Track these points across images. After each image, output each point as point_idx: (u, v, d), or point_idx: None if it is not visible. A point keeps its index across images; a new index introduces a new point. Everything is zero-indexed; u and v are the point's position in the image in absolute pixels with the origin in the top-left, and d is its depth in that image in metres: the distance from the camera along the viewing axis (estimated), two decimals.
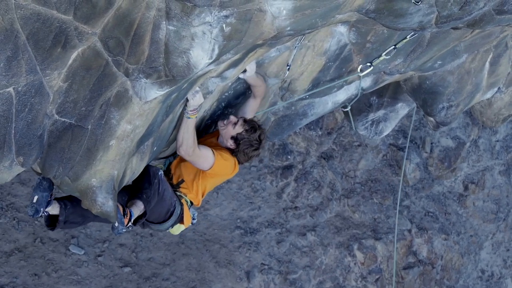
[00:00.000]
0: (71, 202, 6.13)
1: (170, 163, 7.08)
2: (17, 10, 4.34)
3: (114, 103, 5.22)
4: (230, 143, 6.81)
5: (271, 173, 13.32)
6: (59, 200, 6.12)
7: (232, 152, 6.85)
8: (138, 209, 6.40)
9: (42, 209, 5.85)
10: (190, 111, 6.26)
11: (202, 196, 7.01)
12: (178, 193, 6.85)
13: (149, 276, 12.20)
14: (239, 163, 6.94)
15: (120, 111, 5.29)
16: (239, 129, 6.74)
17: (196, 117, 6.35)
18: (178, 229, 7.07)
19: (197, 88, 6.12)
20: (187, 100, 6.21)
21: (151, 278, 12.21)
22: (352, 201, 13.86)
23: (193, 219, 7.16)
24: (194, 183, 6.87)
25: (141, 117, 5.45)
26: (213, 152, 6.65)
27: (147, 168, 6.49)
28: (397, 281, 14.03)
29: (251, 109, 7.12)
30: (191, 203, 6.97)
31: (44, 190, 5.79)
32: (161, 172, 6.57)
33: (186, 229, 7.19)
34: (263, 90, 6.93)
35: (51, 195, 5.90)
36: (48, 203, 5.89)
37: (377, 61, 7.11)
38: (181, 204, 6.82)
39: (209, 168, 6.66)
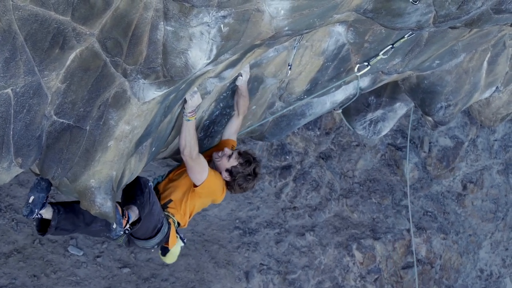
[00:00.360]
0: (64, 208, 6.10)
1: (158, 183, 7.04)
2: (15, 11, 4.34)
3: (112, 104, 5.22)
4: (225, 175, 6.80)
5: (269, 173, 13.32)
6: (53, 204, 6.09)
7: (227, 184, 6.86)
8: (134, 213, 6.35)
9: (37, 210, 5.79)
10: (189, 113, 6.24)
11: (190, 217, 6.93)
12: (166, 213, 6.77)
13: (148, 277, 12.20)
14: (232, 192, 6.96)
15: (118, 112, 5.28)
16: (233, 162, 6.73)
17: (195, 118, 6.34)
18: (172, 256, 7.05)
19: (195, 89, 6.11)
20: (185, 101, 6.20)
21: (150, 278, 12.21)
22: (350, 201, 13.87)
23: (183, 237, 7.10)
24: (183, 203, 6.80)
25: (139, 117, 5.45)
26: (208, 167, 6.64)
27: (137, 178, 6.44)
28: (396, 281, 14.04)
29: (235, 129, 7.18)
30: (178, 224, 6.92)
31: (42, 191, 5.77)
32: (150, 184, 6.51)
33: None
34: (248, 104, 6.99)
35: (47, 197, 5.87)
36: (43, 205, 5.86)
37: (374, 60, 7.11)
38: (169, 224, 6.74)
39: (202, 182, 6.60)
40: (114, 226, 6.06)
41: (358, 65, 7.21)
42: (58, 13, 4.49)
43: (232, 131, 7.17)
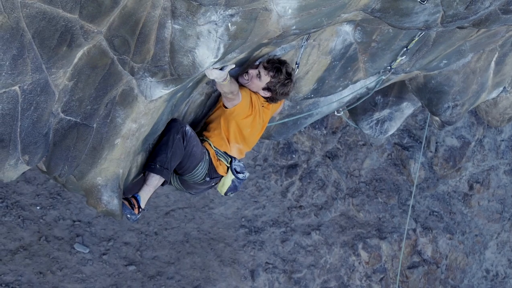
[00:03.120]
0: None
1: None
2: (23, 9, 4.34)
3: (120, 102, 5.23)
4: (264, 93, 6.55)
5: (275, 172, 13.32)
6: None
7: (268, 98, 6.59)
8: (148, 188, 6.21)
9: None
10: (221, 79, 5.85)
11: (231, 140, 6.62)
12: (201, 138, 6.53)
13: (153, 275, 12.22)
14: (276, 102, 6.76)
15: (125, 110, 5.29)
16: (266, 78, 6.42)
17: (229, 81, 5.91)
18: (223, 183, 6.79)
19: (211, 68, 5.63)
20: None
21: (156, 276, 12.22)
22: (356, 200, 13.86)
23: (241, 172, 6.77)
24: (220, 126, 6.54)
25: (146, 115, 5.46)
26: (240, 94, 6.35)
27: (169, 124, 6.16)
28: (402, 281, 14.03)
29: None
30: (226, 154, 6.63)
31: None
32: (187, 128, 6.19)
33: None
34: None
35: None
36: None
37: (395, 63, 7.17)
38: (207, 150, 6.47)
39: (234, 106, 6.37)
40: (129, 216, 6.09)
41: (381, 70, 7.27)
42: (66, 10, 4.50)
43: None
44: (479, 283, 14.96)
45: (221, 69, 5.67)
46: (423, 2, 5.30)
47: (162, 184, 6.36)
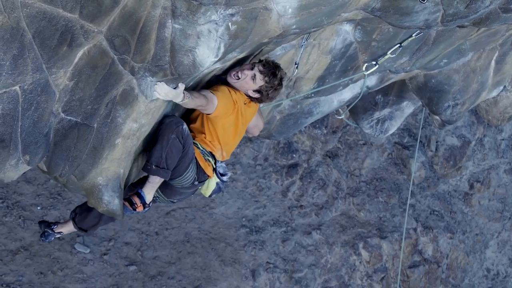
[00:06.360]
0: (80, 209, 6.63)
1: None
2: (23, 9, 4.35)
3: (120, 102, 5.23)
4: (253, 94, 6.31)
5: (276, 171, 13.33)
6: (72, 212, 6.69)
7: (256, 99, 6.36)
8: (151, 185, 6.04)
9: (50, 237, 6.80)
10: (180, 101, 5.62)
11: (217, 142, 6.37)
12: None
13: (154, 275, 12.22)
14: (260, 103, 6.52)
15: (126, 110, 5.29)
16: (260, 82, 6.19)
17: (189, 97, 5.62)
18: (208, 186, 6.56)
19: (156, 84, 5.34)
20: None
21: (157, 276, 12.22)
22: (357, 199, 13.86)
23: (223, 175, 6.57)
24: (204, 128, 6.28)
25: (147, 115, 5.46)
26: (213, 93, 6.04)
27: (163, 122, 5.87)
28: (402, 280, 14.03)
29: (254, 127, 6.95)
30: (212, 155, 6.37)
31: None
32: (184, 127, 5.89)
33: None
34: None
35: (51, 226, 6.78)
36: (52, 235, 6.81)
37: (382, 59, 7.09)
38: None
39: (213, 109, 6.07)
40: (134, 213, 6.16)
41: (366, 64, 7.17)
42: (66, 10, 4.50)
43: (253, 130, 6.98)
44: (480, 282, 14.96)
45: (174, 88, 5.45)
46: (423, 1, 5.30)
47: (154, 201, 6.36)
